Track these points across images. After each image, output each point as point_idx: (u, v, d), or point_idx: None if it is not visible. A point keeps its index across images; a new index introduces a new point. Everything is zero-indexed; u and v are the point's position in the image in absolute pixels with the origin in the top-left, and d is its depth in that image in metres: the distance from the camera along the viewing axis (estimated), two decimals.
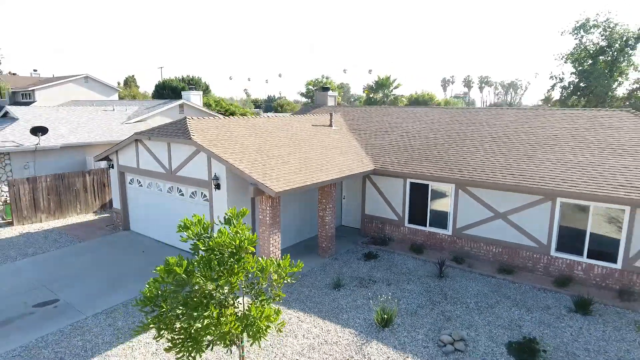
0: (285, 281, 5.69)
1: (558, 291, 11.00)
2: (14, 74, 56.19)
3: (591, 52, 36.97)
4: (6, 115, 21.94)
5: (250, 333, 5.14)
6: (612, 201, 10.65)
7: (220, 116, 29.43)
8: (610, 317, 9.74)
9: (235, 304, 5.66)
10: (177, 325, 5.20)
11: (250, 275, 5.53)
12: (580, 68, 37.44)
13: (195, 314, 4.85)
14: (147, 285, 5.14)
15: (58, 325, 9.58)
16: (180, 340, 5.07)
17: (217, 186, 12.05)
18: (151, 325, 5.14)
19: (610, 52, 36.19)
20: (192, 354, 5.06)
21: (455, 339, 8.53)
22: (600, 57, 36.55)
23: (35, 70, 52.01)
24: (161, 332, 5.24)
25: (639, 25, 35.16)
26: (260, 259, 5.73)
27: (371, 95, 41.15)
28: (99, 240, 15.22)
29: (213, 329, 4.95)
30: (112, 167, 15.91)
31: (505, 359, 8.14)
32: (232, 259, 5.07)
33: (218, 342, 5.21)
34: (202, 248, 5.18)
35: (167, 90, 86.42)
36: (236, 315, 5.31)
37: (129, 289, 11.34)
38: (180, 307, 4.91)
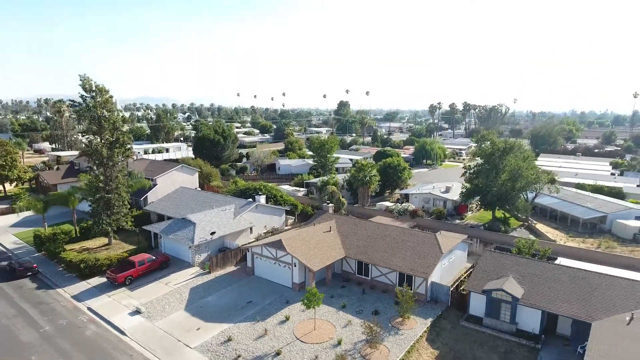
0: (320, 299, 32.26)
1: (387, 298, 37.63)
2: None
3: (487, 153, 62.10)
4: (185, 218, 48.58)
5: (317, 304, 31.80)
6: (407, 273, 37.36)
7: (271, 205, 55.70)
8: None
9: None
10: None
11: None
12: (481, 161, 62.86)
13: (310, 302, 31.53)
14: (302, 297, 32.03)
15: (258, 307, 36.41)
16: (306, 304, 31.72)
17: (295, 265, 38.89)
18: (304, 303, 31.86)
19: (496, 156, 61.14)
20: (308, 306, 31.78)
21: (359, 310, 35.30)
22: (492, 157, 61.60)
23: (145, 153, 78.72)
24: (307, 304, 31.92)
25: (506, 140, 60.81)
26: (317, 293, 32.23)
27: (356, 175, 67.80)
28: (247, 280, 42.02)
29: (313, 303, 31.59)
30: (249, 250, 42.68)
31: (369, 313, 34.87)
32: (316, 294, 31.53)
33: (311, 306, 31.74)
34: (308, 293, 31.60)
35: (206, 142, 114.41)
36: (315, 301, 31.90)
37: (269, 298, 38.18)
38: (307, 300, 31.58)
